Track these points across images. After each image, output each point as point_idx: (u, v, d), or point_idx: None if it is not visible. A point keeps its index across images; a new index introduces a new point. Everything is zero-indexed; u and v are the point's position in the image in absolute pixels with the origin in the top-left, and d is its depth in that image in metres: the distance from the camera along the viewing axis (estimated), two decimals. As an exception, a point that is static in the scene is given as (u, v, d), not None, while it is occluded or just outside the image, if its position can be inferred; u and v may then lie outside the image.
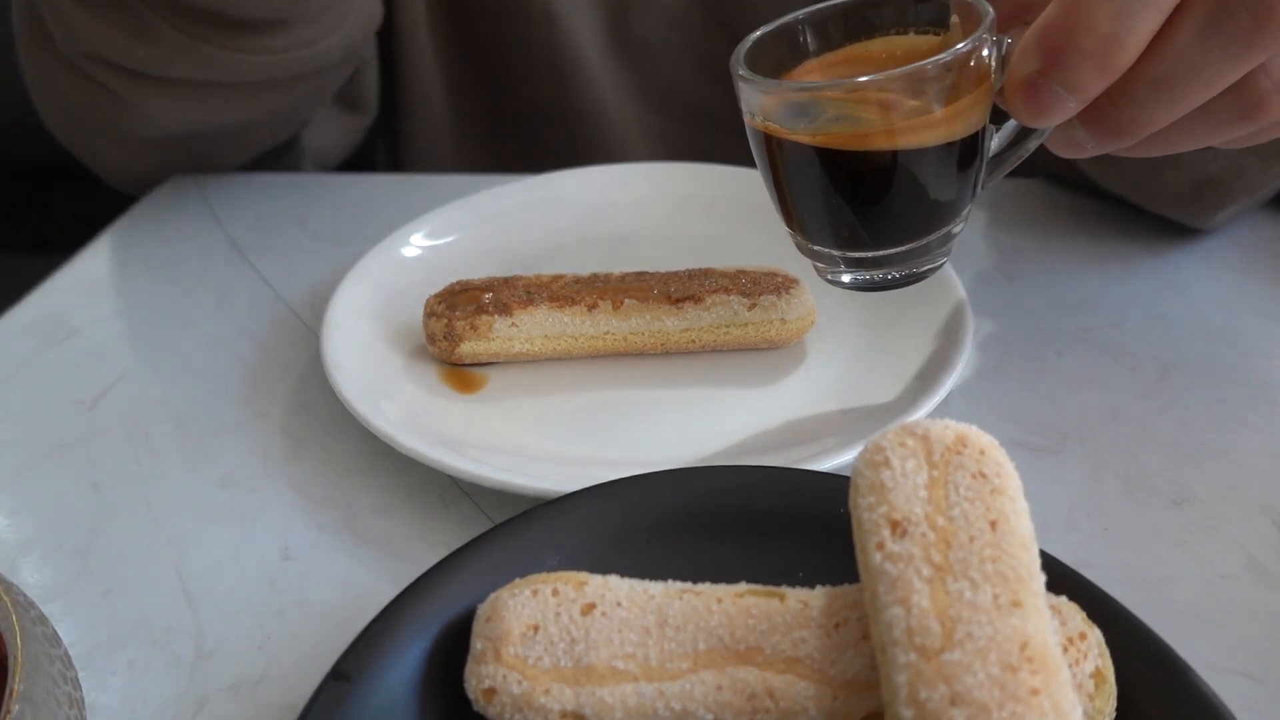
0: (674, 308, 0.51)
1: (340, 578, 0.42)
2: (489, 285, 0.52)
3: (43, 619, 0.30)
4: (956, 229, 0.42)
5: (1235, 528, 0.42)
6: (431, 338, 0.51)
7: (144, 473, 0.48)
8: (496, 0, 0.76)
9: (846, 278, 0.43)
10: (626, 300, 0.51)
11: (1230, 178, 0.55)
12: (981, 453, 0.29)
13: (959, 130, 0.38)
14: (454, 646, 0.32)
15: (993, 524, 0.28)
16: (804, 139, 0.39)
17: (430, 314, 0.51)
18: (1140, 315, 0.55)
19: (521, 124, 0.81)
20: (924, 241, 0.41)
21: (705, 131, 0.81)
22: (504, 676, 0.30)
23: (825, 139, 0.38)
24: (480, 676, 0.30)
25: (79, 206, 0.81)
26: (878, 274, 0.43)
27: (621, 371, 0.52)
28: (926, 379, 0.47)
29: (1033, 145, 0.41)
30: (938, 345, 0.49)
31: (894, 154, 0.38)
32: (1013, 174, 0.69)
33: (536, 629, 0.31)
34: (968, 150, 0.39)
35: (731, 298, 0.51)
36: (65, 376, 0.55)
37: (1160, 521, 0.43)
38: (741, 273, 0.53)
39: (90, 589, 0.42)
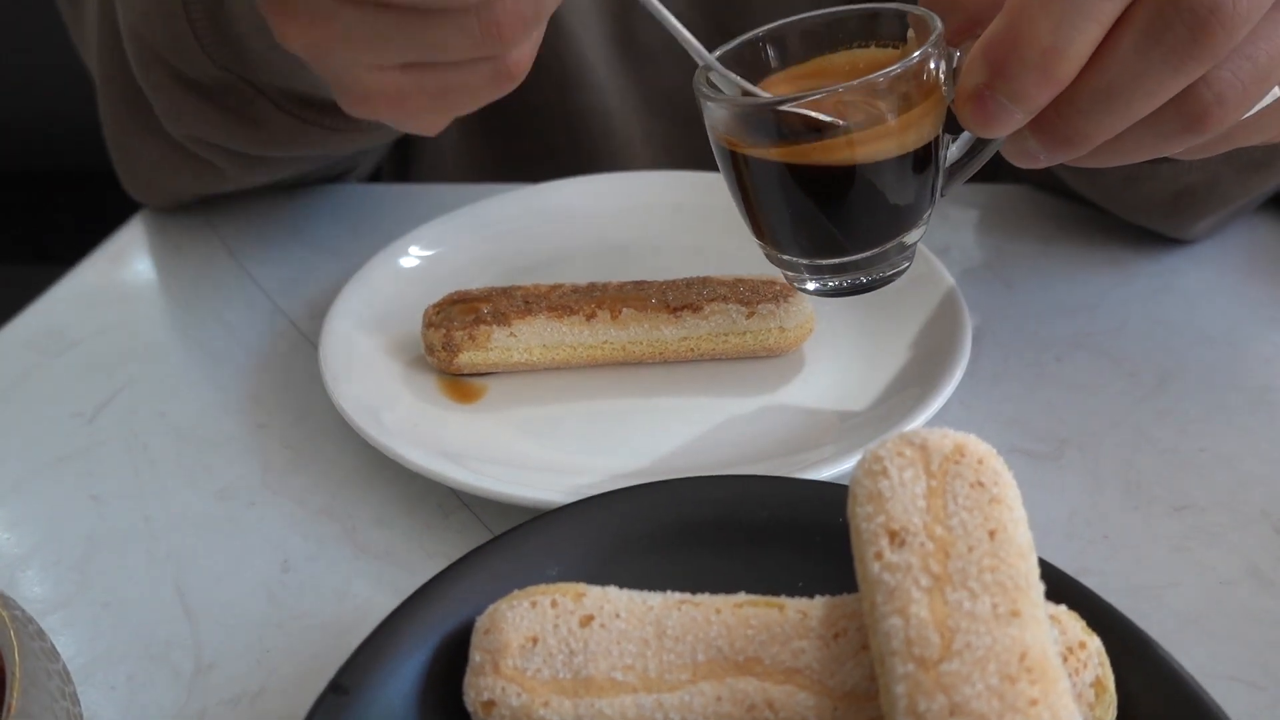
0: (672, 317, 0.51)
1: (339, 589, 0.42)
2: (487, 295, 0.53)
3: (41, 634, 0.30)
4: (916, 235, 0.43)
5: (1235, 534, 0.42)
6: (430, 348, 0.51)
7: (143, 485, 0.48)
8: None
9: (812, 285, 0.45)
10: (624, 310, 0.51)
11: (1206, 188, 0.56)
12: (979, 462, 0.29)
13: (912, 140, 0.39)
14: (453, 659, 0.32)
15: (991, 533, 0.28)
16: (764, 153, 0.40)
17: (429, 325, 0.51)
18: (1139, 321, 0.55)
19: (527, 128, 0.81)
20: (884, 248, 0.42)
21: (706, 137, 0.81)
22: (503, 689, 0.30)
23: (784, 152, 0.40)
24: (479, 689, 0.30)
25: (80, 218, 0.81)
26: (842, 280, 0.44)
27: (620, 381, 0.52)
28: (925, 387, 0.47)
29: (987, 155, 0.42)
30: (936, 353, 0.49)
31: (852, 165, 0.39)
32: (1002, 180, 0.70)
33: (535, 641, 0.31)
34: (922, 159, 0.40)
35: (730, 306, 0.51)
36: (65, 389, 0.55)
37: (1160, 528, 0.43)
38: (740, 281, 0.53)
39: (89, 602, 0.42)
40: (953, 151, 0.42)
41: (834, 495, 0.36)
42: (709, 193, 0.65)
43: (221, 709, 0.37)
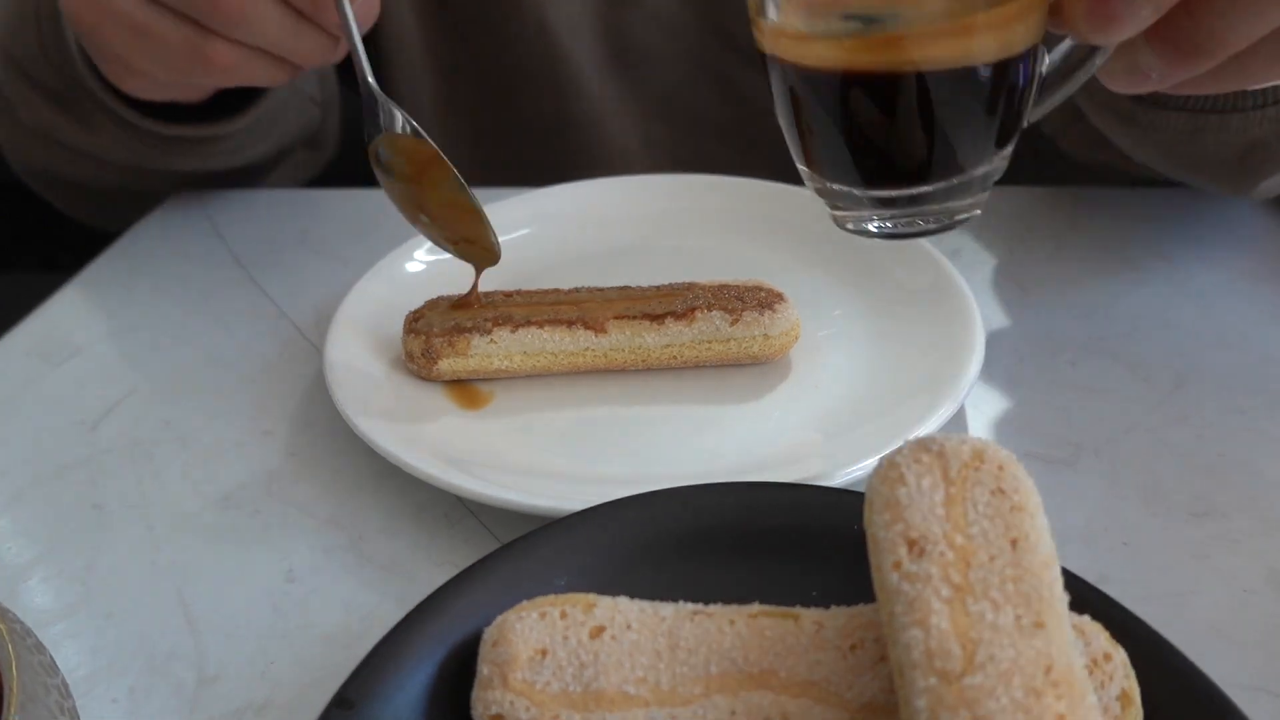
0: (655, 324, 0.50)
1: (345, 600, 0.41)
2: (466, 301, 0.52)
3: (40, 647, 0.30)
4: (997, 166, 0.36)
5: (1257, 540, 0.41)
6: (409, 355, 0.50)
7: (146, 494, 0.47)
8: (489, 17, 0.76)
9: (872, 225, 0.38)
10: (607, 318, 0.50)
11: (1278, 139, 0.51)
12: (1000, 468, 0.29)
13: (1006, 43, 0.32)
14: (460, 671, 0.32)
15: (1013, 542, 0.27)
16: (821, 50, 0.33)
17: (408, 331, 0.51)
18: (1153, 324, 0.54)
19: (521, 140, 0.81)
20: (960, 180, 0.35)
21: (707, 139, 0.81)
22: (511, 703, 0.29)
23: (847, 50, 0.33)
24: (487, 703, 0.30)
25: (85, 226, 0.81)
26: (906, 217, 0.37)
27: (629, 387, 0.51)
28: (937, 392, 0.46)
29: (1086, 74, 0.35)
30: (948, 357, 0.48)
31: (930, 72, 0.33)
32: (1024, 182, 0.69)
33: (544, 653, 0.30)
34: (1014, 70, 0.33)
35: (714, 314, 0.50)
36: (67, 396, 0.55)
37: (1180, 535, 0.42)
38: (725, 287, 0.52)
39: (91, 613, 0.41)
40: (1044, 68, 0.35)
41: (849, 503, 0.35)
42: (708, 196, 0.65)
43: (225, 722, 0.36)
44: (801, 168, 0.39)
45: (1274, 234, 0.62)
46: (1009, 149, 0.36)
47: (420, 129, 0.49)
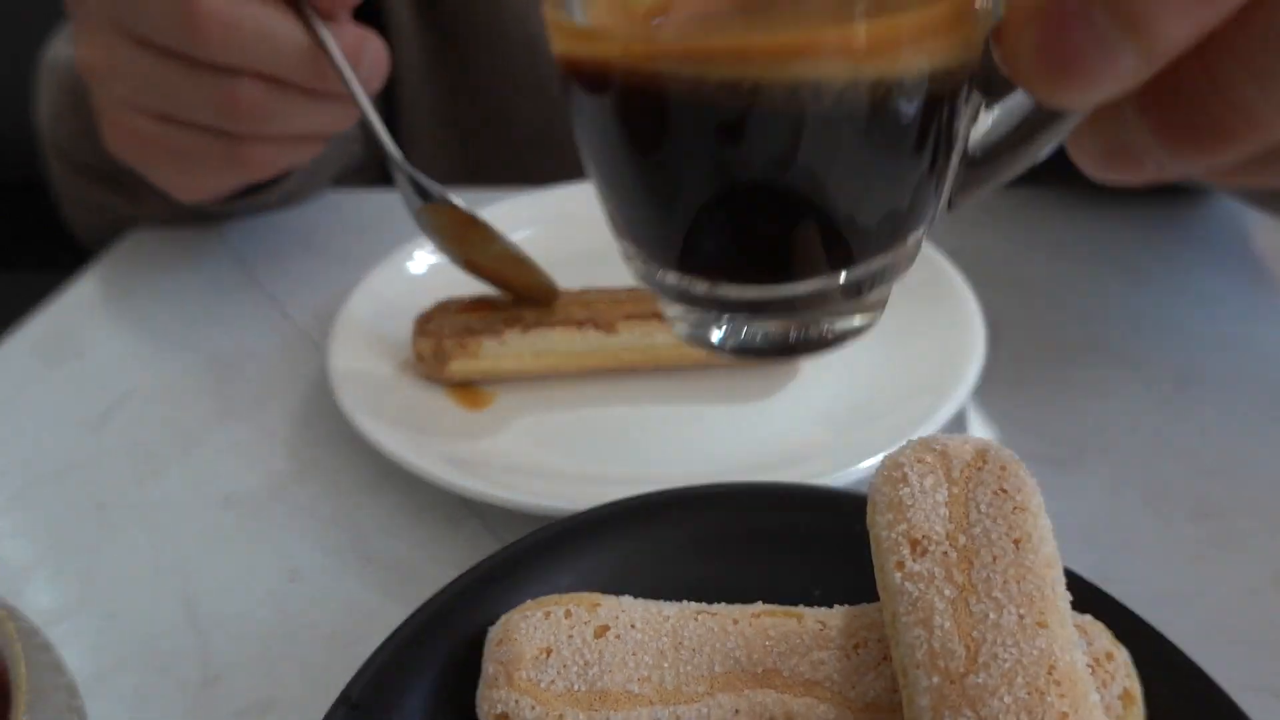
0: (663, 323, 0.50)
1: (348, 600, 0.41)
2: (476, 304, 0.52)
3: (47, 646, 0.30)
4: (893, 261, 0.24)
5: (1260, 540, 0.41)
6: (420, 357, 0.50)
7: (149, 494, 0.47)
8: (482, 30, 0.77)
9: (714, 334, 0.26)
10: (616, 318, 0.50)
11: None
12: (1002, 468, 0.29)
13: (914, 79, 0.21)
14: (465, 670, 0.32)
15: (1016, 542, 0.27)
16: (629, 63, 0.22)
17: (419, 333, 0.51)
18: (1156, 325, 0.54)
19: (519, 148, 0.81)
20: (848, 279, 0.24)
21: None
22: (516, 701, 0.29)
23: (662, 63, 0.21)
24: (492, 701, 0.30)
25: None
26: (762, 326, 0.25)
27: (632, 387, 0.51)
28: (938, 392, 0.46)
29: (1045, 142, 0.23)
30: (950, 356, 0.48)
31: (797, 114, 0.21)
32: (1025, 182, 0.69)
33: (549, 652, 0.30)
34: (927, 126, 0.22)
35: None
36: (70, 397, 0.55)
37: (1182, 535, 0.42)
38: None
39: (94, 613, 0.41)
40: (981, 130, 0.24)
41: (850, 503, 0.35)
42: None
43: (229, 721, 0.36)
44: (618, 242, 0.26)
45: (1275, 235, 0.62)
46: (913, 238, 0.25)
47: (450, 197, 0.50)
